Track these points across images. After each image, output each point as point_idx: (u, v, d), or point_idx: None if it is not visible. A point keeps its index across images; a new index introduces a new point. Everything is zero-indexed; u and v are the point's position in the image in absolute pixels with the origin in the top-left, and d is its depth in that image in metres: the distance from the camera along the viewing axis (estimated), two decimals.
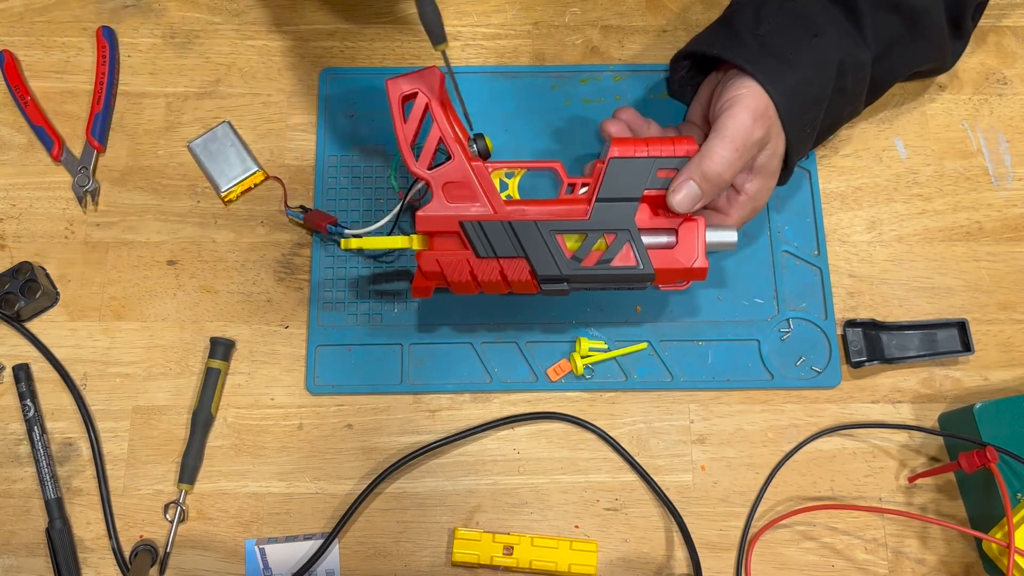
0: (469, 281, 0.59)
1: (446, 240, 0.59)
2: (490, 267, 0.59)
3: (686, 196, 0.58)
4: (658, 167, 0.59)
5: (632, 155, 0.59)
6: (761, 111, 0.58)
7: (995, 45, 0.76)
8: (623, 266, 0.59)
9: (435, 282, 0.59)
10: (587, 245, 0.59)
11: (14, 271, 0.68)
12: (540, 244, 0.58)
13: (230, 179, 0.71)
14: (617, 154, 0.59)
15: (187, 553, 0.64)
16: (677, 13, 0.76)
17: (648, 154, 0.59)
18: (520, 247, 0.58)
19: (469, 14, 0.76)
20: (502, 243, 0.58)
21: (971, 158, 0.73)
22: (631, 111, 0.66)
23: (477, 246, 0.58)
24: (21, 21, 0.76)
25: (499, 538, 0.64)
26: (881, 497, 0.66)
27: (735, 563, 0.65)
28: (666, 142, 0.59)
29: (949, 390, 0.68)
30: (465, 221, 0.58)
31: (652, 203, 0.59)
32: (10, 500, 0.65)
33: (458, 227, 0.58)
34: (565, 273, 0.59)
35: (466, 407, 0.67)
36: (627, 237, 0.59)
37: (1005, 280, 0.70)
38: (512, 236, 0.58)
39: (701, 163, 0.57)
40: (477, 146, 0.61)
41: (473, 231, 0.58)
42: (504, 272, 0.59)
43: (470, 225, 0.58)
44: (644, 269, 0.59)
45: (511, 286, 0.60)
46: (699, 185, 0.58)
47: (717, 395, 0.68)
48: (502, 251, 0.58)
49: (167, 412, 0.67)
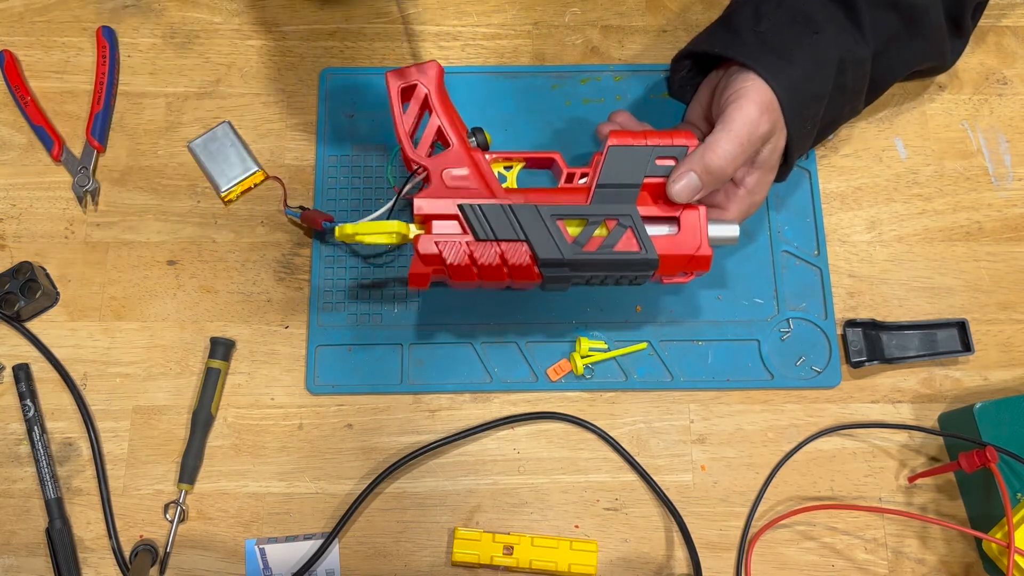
0: (468, 266, 0.57)
1: (445, 225, 0.58)
2: (490, 250, 0.57)
3: (685, 186, 0.58)
4: (657, 155, 0.58)
5: (631, 143, 0.59)
6: (767, 104, 0.58)
7: (995, 45, 0.76)
8: (626, 251, 0.58)
9: (433, 268, 0.58)
10: (588, 231, 0.58)
11: (14, 271, 0.68)
12: (541, 227, 0.57)
13: (230, 179, 0.71)
14: (616, 142, 0.59)
15: (187, 553, 0.64)
16: (677, 13, 0.76)
17: (647, 143, 0.59)
18: (521, 230, 0.57)
19: (469, 14, 0.76)
20: (502, 226, 0.57)
21: (971, 158, 0.73)
22: (626, 114, 0.66)
23: (477, 228, 0.57)
24: (21, 21, 0.76)
25: (499, 538, 0.64)
26: (881, 497, 0.66)
27: (735, 563, 0.65)
28: (664, 134, 0.59)
29: (949, 390, 0.68)
30: (464, 204, 0.57)
31: (652, 192, 0.59)
32: (10, 500, 0.65)
33: (457, 211, 0.57)
34: (567, 257, 0.58)
35: (466, 407, 0.67)
36: (629, 222, 0.58)
37: (1005, 280, 0.71)
38: (512, 219, 0.57)
39: (704, 155, 0.58)
40: (476, 139, 0.60)
41: (472, 213, 0.57)
42: (504, 256, 0.58)
43: (469, 207, 0.57)
44: (647, 255, 0.58)
45: (511, 273, 0.58)
46: (700, 177, 0.58)
47: (717, 395, 0.68)
48: (502, 234, 0.57)
49: (167, 412, 0.67)
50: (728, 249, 0.70)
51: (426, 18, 0.76)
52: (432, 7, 0.76)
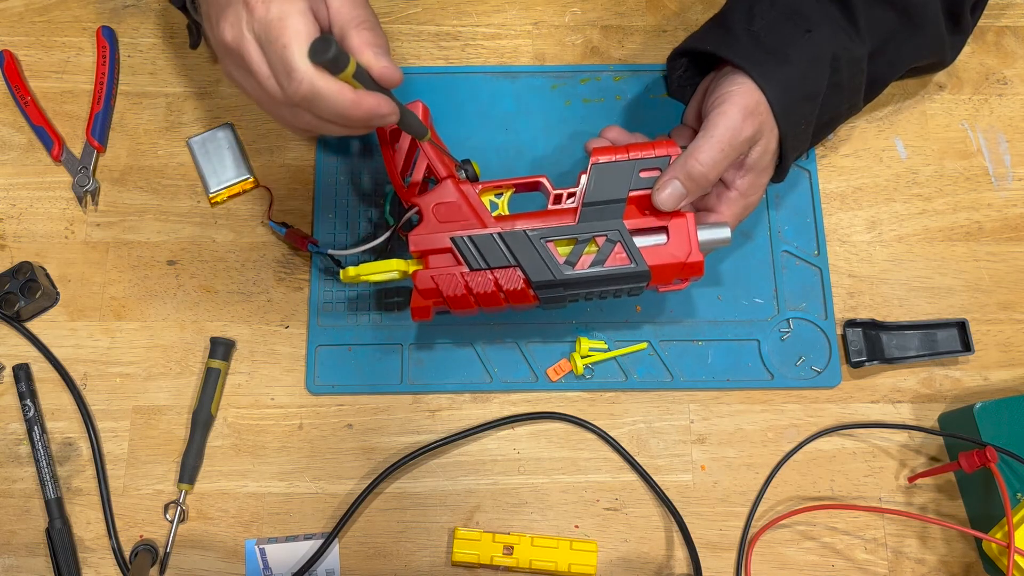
0: (465, 295, 0.59)
1: (440, 256, 0.60)
2: (484, 279, 0.59)
3: (670, 195, 0.58)
4: (641, 167, 0.59)
5: (613, 159, 0.60)
6: (751, 108, 0.58)
7: (995, 45, 0.76)
8: (617, 266, 0.59)
9: (433, 300, 0.60)
10: (578, 249, 0.59)
11: (14, 271, 0.68)
12: (531, 251, 0.59)
13: (221, 181, 0.71)
14: (599, 160, 0.60)
15: (187, 553, 0.64)
16: (677, 13, 0.76)
17: (629, 157, 0.60)
18: (512, 256, 0.59)
19: (469, 14, 0.76)
20: (493, 254, 0.59)
21: (971, 158, 0.73)
22: (617, 129, 0.66)
23: (469, 259, 0.59)
24: (21, 21, 0.76)
25: (499, 538, 0.64)
26: (881, 497, 0.66)
27: (735, 563, 0.65)
28: (646, 146, 0.60)
29: (949, 390, 0.68)
30: (455, 236, 0.59)
31: (639, 204, 0.60)
32: (10, 500, 0.65)
33: (449, 244, 0.59)
34: (559, 278, 0.59)
35: (466, 407, 0.67)
36: (617, 237, 0.59)
37: (1005, 280, 0.70)
38: (503, 246, 0.59)
39: (686, 162, 0.58)
40: (465, 172, 0.62)
41: (464, 245, 0.59)
42: (499, 283, 0.59)
43: (460, 239, 0.59)
44: (638, 267, 0.59)
45: (508, 298, 0.60)
46: (684, 184, 0.58)
47: (717, 395, 0.68)
48: (494, 261, 0.59)
49: (167, 412, 0.67)
50: (728, 249, 0.70)
51: (426, 18, 0.76)
52: (432, 7, 0.76)
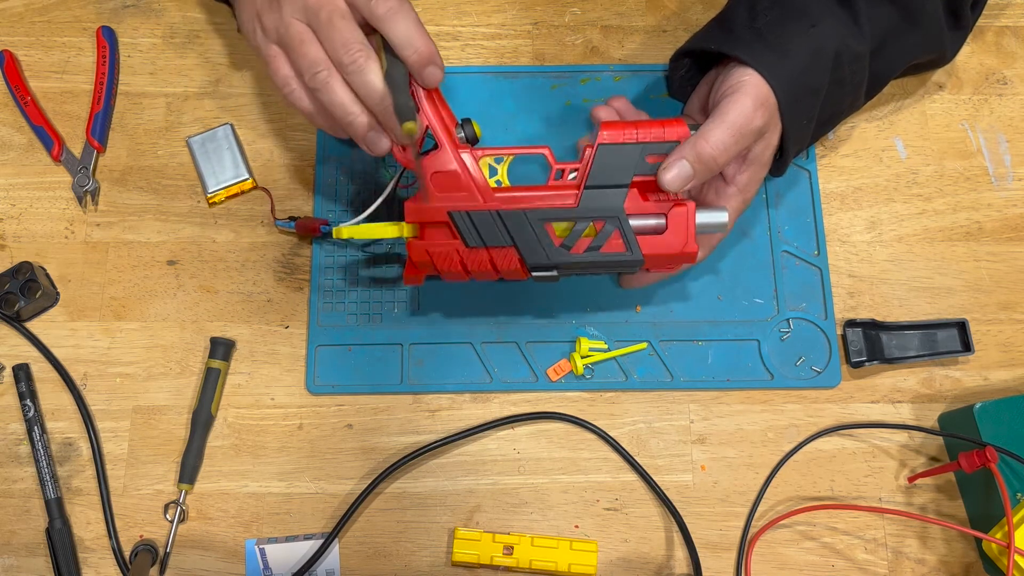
0: (460, 271, 0.59)
1: (436, 228, 0.59)
2: (479, 257, 0.58)
3: (677, 175, 0.57)
4: (648, 152, 0.58)
5: (621, 140, 0.58)
6: (763, 99, 0.58)
7: (995, 45, 0.76)
8: (612, 253, 0.59)
9: (426, 271, 0.59)
10: (576, 232, 0.59)
11: (14, 271, 0.68)
12: (529, 233, 0.58)
13: (219, 181, 0.70)
14: (606, 139, 0.58)
15: (187, 553, 0.64)
16: (677, 13, 0.76)
17: (637, 139, 0.58)
18: (509, 236, 0.58)
19: (469, 14, 0.76)
20: (491, 233, 0.58)
21: (971, 158, 0.73)
22: (624, 100, 0.65)
23: (466, 236, 0.58)
24: (21, 21, 0.76)
25: (499, 538, 0.64)
26: (881, 497, 0.66)
27: (735, 563, 0.65)
28: (656, 124, 0.58)
29: (949, 390, 0.68)
30: (454, 212, 0.58)
31: (641, 188, 0.59)
32: (10, 500, 0.65)
33: (447, 217, 0.58)
34: (554, 261, 0.58)
35: (466, 407, 0.67)
36: (616, 224, 0.58)
37: (1005, 280, 0.70)
38: (501, 226, 0.58)
39: (696, 144, 0.57)
40: (465, 132, 0.59)
41: (462, 221, 0.58)
42: (494, 261, 0.59)
43: (459, 215, 0.58)
44: (633, 255, 0.58)
45: (501, 274, 0.60)
46: (692, 165, 0.57)
47: (717, 395, 0.68)
48: (491, 241, 0.58)
49: (167, 412, 0.67)
50: (728, 249, 0.70)
51: (426, 18, 0.75)
52: (432, 7, 0.76)
